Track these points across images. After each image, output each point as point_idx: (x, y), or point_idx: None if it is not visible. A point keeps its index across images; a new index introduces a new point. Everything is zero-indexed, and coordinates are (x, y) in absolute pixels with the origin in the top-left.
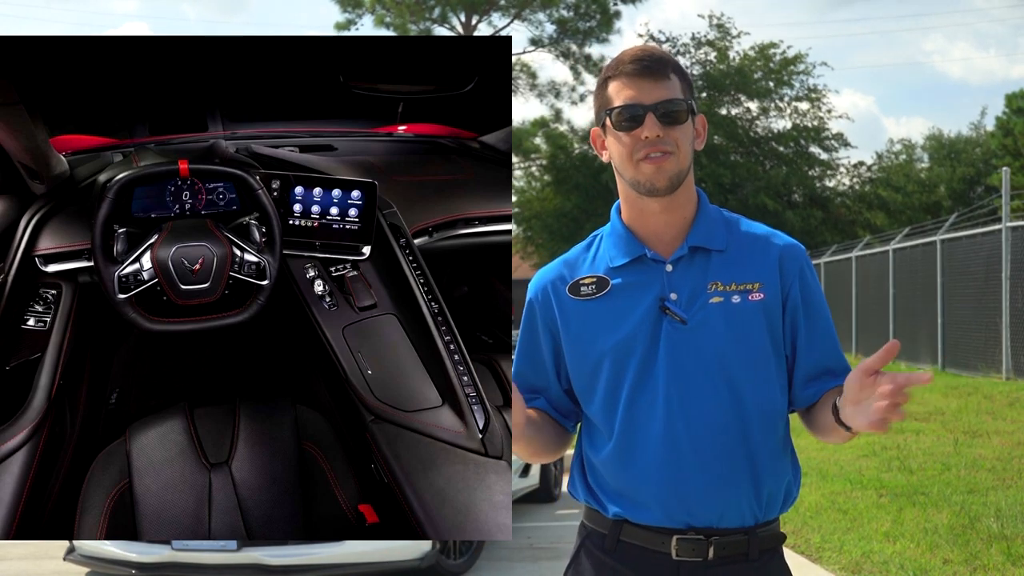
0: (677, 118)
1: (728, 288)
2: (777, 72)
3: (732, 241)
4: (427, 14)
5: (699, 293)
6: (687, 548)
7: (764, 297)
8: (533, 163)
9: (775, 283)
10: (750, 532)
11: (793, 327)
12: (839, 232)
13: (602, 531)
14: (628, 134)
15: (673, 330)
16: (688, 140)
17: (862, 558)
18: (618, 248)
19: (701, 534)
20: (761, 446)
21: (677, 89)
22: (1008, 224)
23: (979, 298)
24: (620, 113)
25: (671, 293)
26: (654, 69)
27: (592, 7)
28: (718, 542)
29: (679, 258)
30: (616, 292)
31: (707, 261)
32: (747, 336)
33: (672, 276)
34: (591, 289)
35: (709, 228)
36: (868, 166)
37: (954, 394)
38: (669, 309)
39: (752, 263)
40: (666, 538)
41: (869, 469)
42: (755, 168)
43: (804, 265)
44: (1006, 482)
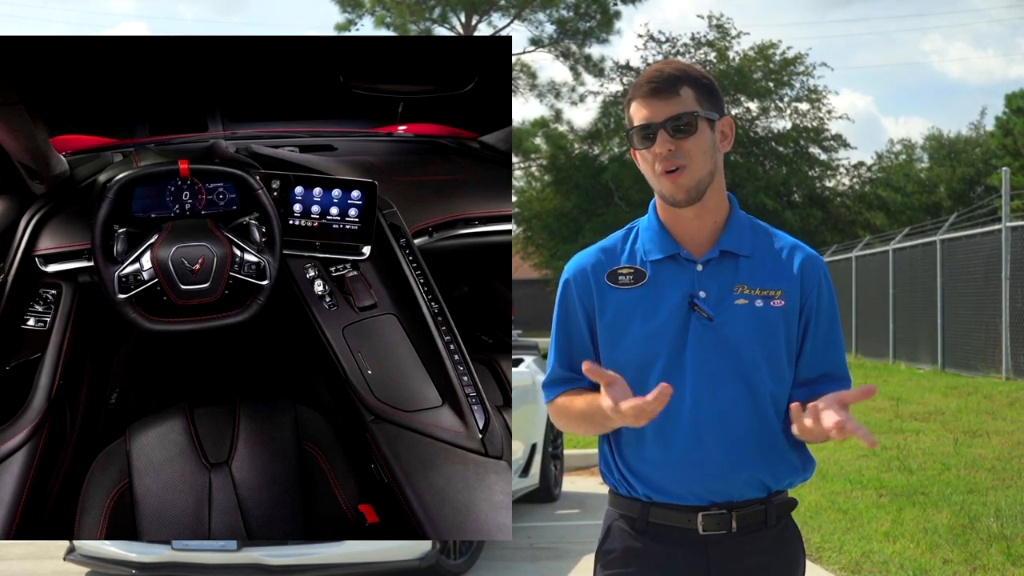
0: (687, 130)
1: (753, 292)
2: (777, 72)
3: (759, 248)
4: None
5: (726, 294)
6: (712, 522)
7: (784, 304)
8: (533, 163)
9: (795, 292)
10: (766, 501)
11: (804, 332)
12: (839, 232)
13: (631, 514)
14: (647, 151)
15: (700, 325)
16: (703, 149)
17: (862, 558)
18: (654, 243)
19: (723, 508)
20: (773, 431)
21: (689, 102)
22: (1008, 224)
23: (979, 298)
24: (637, 133)
25: (700, 291)
26: (663, 88)
27: (592, 7)
28: (739, 514)
29: (709, 260)
30: (651, 284)
31: (735, 265)
32: (766, 338)
33: (702, 275)
34: (629, 279)
35: (739, 234)
36: (868, 166)
37: (954, 394)
38: (698, 306)
39: (776, 271)
40: (692, 515)
41: (869, 469)
42: (755, 168)
43: (823, 277)
44: (1006, 482)
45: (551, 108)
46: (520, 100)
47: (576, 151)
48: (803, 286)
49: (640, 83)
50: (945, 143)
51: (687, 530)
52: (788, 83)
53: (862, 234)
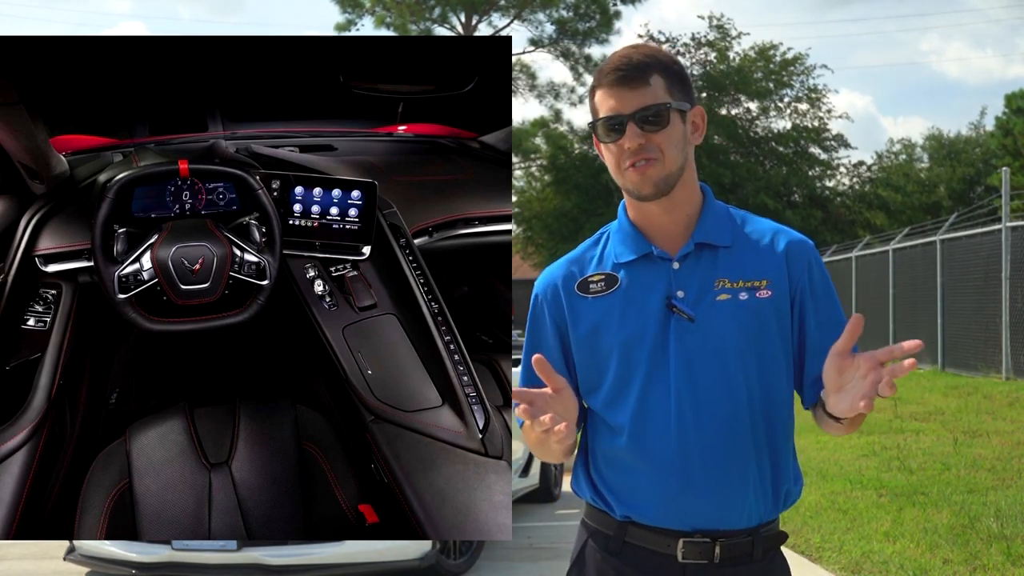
0: (658, 123)
1: (736, 285)
2: (777, 73)
3: (739, 237)
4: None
5: (707, 290)
6: (693, 551)
7: (771, 295)
8: (533, 163)
9: (783, 280)
10: (754, 533)
11: (801, 324)
12: (839, 232)
13: (607, 532)
14: (613, 144)
15: (682, 328)
16: (674, 142)
17: (862, 558)
18: (625, 245)
19: (708, 536)
20: (767, 445)
21: (659, 91)
22: (1008, 224)
23: (979, 298)
24: (603, 125)
25: (678, 291)
26: (631, 77)
27: (592, 7)
28: (724, 544)
29: (686, 255)
30: (624, 289)
31: (714, 258)
32: (755, 334)
33: (679, 273)
34: (600, 286)
35: (715, 224)
36: (868, 166)
37: (954, 394)
38: (676, 307)
39: (759, 260)
40: (672, 540)
41: (869, 469)
42: (755, 168)
43: (812, 260)
44: (1006, 482)
45: (551, 108)
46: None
47: (576, 151)
48: (790, 272)
49: (606, 70)
50: (945, 143)
51: (665, 555)
52: (788, 83)
53: (862, 234)
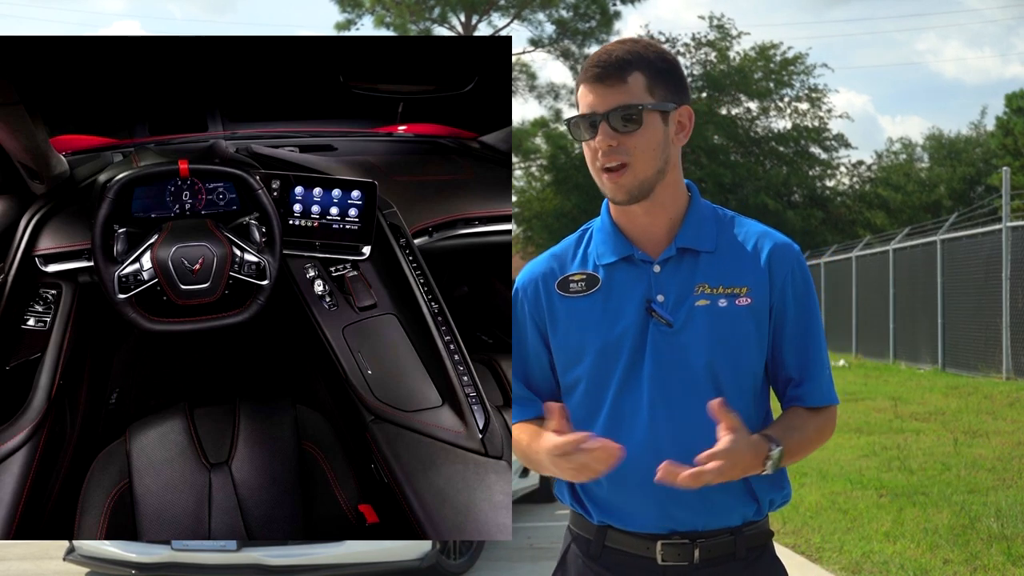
0: (631, 124)
1: (715, 291)
2: (777, 72)
3: (723, 241)
4: (427, 14)
5: (686, 295)
6: (672, 553)
7: (751, 302)
8: (533, 163)
9: (764, 286)
10: (736, 532)
11: (778, 331)
12: (839, 232)
13: (587, 536)
14: (587, 144)
15: (659, 333)
16: (650, 146)
17: (862, 558)
18: (607, 245)
19: (686, 538)
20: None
21: (637, 91)
22: (1008, 224)
23: (979, 298)
24: (580, 121)
25: (658, 295)
26: (608, 73)
27: (592, 7)
28: (703, 544)
29: (667, 259)
30: (605, 290)
31: (696, 262)
32: (732, 341)
33: (660, 277)
34: (580, 286)
35: (699, 228)
36: (868, 166)
37: (954, 394)
38: (655, 311)
39: (741, 265)
40: (651, 543)
41: (869, 469)
42: (755, 168)
43: (795, 267)
44: (1006, 482)
45: (550, 109)
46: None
47: (576, 151)
48: (772, 279)
49: (587, 65)
50: (945, 143)
51: (645, 558)
52: (788, 83)
53: (862, 234)
